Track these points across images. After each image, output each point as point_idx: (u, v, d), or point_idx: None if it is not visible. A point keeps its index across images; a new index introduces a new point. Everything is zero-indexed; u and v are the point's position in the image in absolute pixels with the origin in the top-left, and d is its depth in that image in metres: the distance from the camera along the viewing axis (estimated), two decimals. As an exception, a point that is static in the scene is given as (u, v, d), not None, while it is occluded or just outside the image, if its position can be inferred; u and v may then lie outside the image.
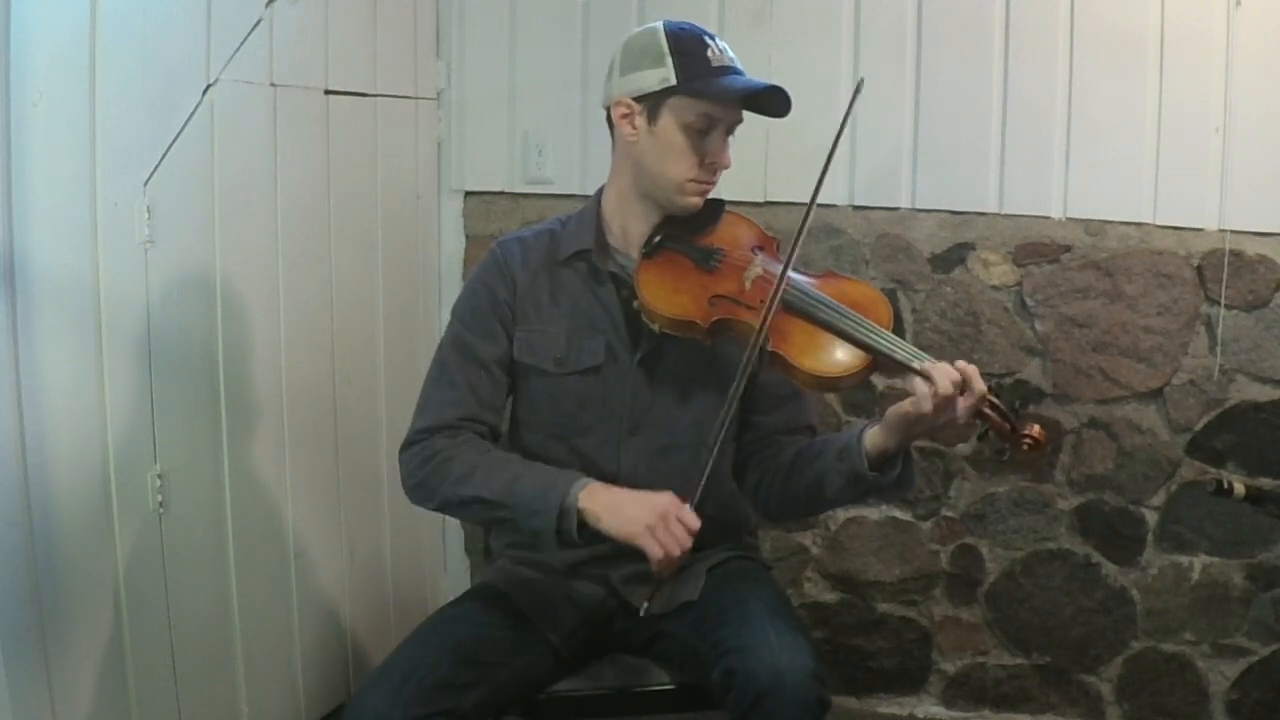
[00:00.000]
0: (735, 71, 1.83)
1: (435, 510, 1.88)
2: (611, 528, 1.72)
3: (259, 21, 2.34)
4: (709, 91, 1.79)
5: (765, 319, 1.72)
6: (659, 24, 1.84)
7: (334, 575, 2.70)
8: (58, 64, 1.91)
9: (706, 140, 1.82)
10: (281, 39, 2.40)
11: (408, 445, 1.89)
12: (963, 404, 1.64)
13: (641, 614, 1.76)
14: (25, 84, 1.83)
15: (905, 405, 1.66)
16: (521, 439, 1.97)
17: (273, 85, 2.40)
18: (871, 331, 1.71)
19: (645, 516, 1.70)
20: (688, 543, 1.71)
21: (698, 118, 1.80)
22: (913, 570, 2.87)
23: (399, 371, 2.84)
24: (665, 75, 1.79)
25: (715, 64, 1.81)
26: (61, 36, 1.91)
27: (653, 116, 1.81)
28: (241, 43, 2.30)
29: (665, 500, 1.72)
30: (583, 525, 1.75)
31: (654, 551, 1.69)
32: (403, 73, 2.87)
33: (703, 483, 1.74)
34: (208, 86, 2.23)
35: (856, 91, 1.80)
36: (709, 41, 1.83)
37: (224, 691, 2.36)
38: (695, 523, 1.72)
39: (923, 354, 1.69)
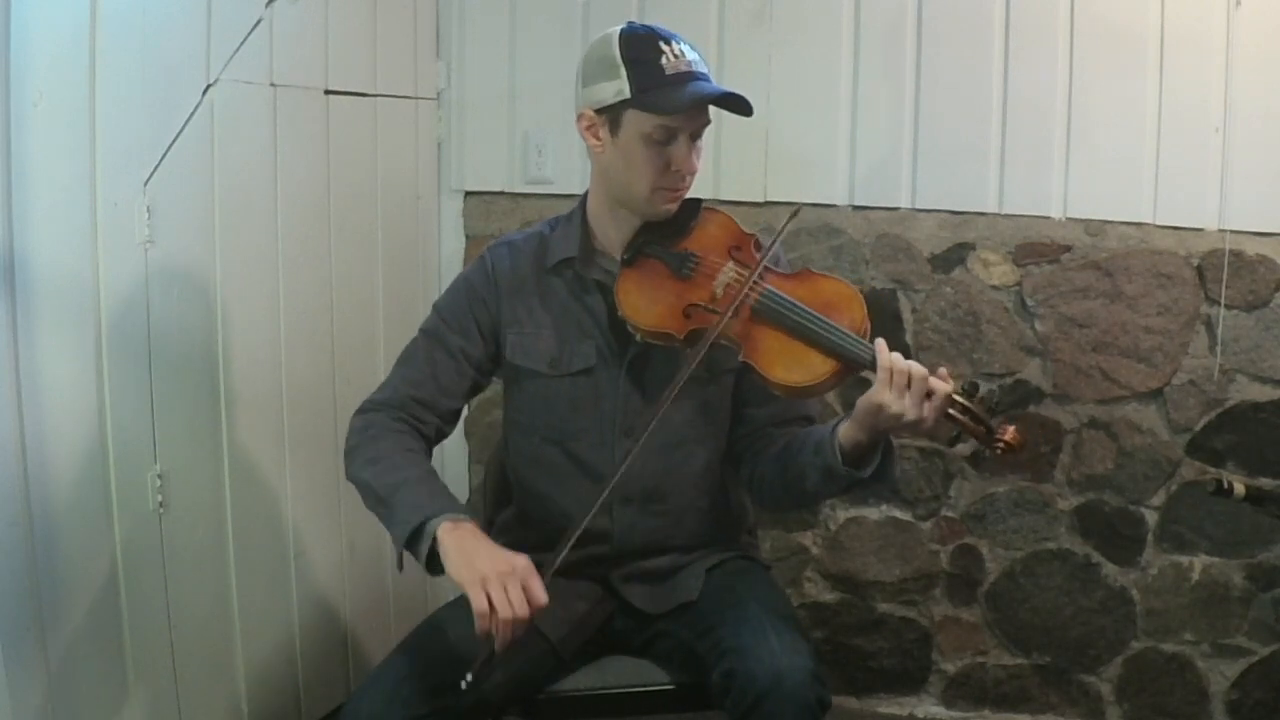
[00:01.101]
0: (693, 76, 1.78)
1: (349, 482, 1.86)
2: (452, 567, 1.64)
3: (259, 21, 2.34)
4: (660, 105, 1.75)
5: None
6: (615, 31, 1.81)
7: (334, 575, 2.70)
8: (58, 64, 1.91)
9: (670, 149, 1.78)
10: (281, 39, 2.40)
11: (359, 412, 1.91)
12: (929, 406, 1.63)
13: (463, 686, 1.62)
14: (25, 84, 1.84)
15: (866, 395, 1.65)
16: (517, 442, 1.97)
17: (273, 85, 2.41)
18: (839, 336, 1.70)
19: (487, 570, 1.61)
20: (524, 612, 1.60)
21: (655, 129, 1.76)
22: (913, 570, 2.87)
23: (399, 371, 2.84)
24: (620, 87, 1.76)
25: (670, 71, 1.76)
26: (61, 36, 1.92)
27: (614, 128, 1.79)
28: (241, 43, 2.30)
29: (517, 562, 1.64)
30: (434, 556, 1.69)
31: (478, 604, 1.59)
32: (403, 73, 2.87)
33: (564, 551, 1.67)
34: (208, 86, 2.23)
35: (792, 216, 1.84)
36: (664, 46, 1.78)
37: (224, 691, 2.36)
38: (542, 598, 1.62)
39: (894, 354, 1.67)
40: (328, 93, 2.59)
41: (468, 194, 3.04)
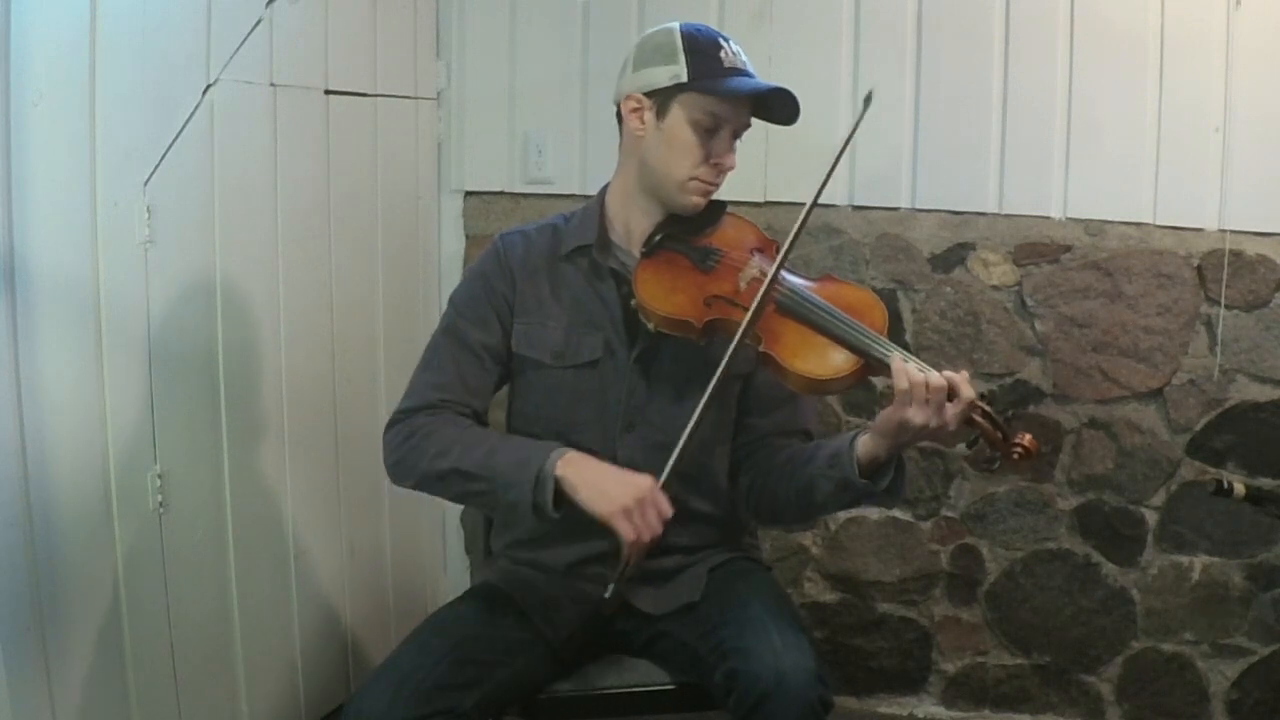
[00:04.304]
0: (747, 74, 1.85)
1: (414, 488, 1.88)
2: (587, 501, 1.72)
3: (259, 21, 2.34)
4: (718, 89, 1.80)
5: (750, 318, 1.72)
6: (675, 24, 1.86)
7: (334, 575, 2.70)
8: (58, 64, 1.91)
9: (713, 140, 1.83)
10: (281, 39, 2.40)
11: (390, 425, 1.90)
12: (951, 411, 1.64)
13: (607, 595, 1.75)
14: (25, 84, 1.83)
15: (889, 409, 1.66)
16: (519, 433, 1.97)
17: (273, 85, 2.40)
18: (864, 335, 1.71)
19: (622, 498, 1.70)
20: (659, 529, 1.71)
21: (705, 116, 1.81)
22: (913, 570, 2.87)
23: (399, 372, 2.83)
24: (677, 72, 1.81)
25: (728, 65, 1.83)
26: (61, 36, 1.91)
27: (662, 112, 1.83)
28: (241, 43, 2.30)
29: (644, 484, 1.72)
30: (560, 496, 1.74)
31: (627, 533, 1.69)
32: (403, 73, 2.87)
33: (672, 461, 1.73)
34: (208, 86, 2.23)
35: (866, 103, 1.78)
36: (723, 44, 1.84)
37: (224, 691, 2.36)
38: (669, 510, 1.73)
39: (912, 358, 1.68)
40: (328, 93, 2.59)
41: (468, 194, 3.04)
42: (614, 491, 1.71)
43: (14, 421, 1.85)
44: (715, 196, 1.90)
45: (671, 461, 1.74)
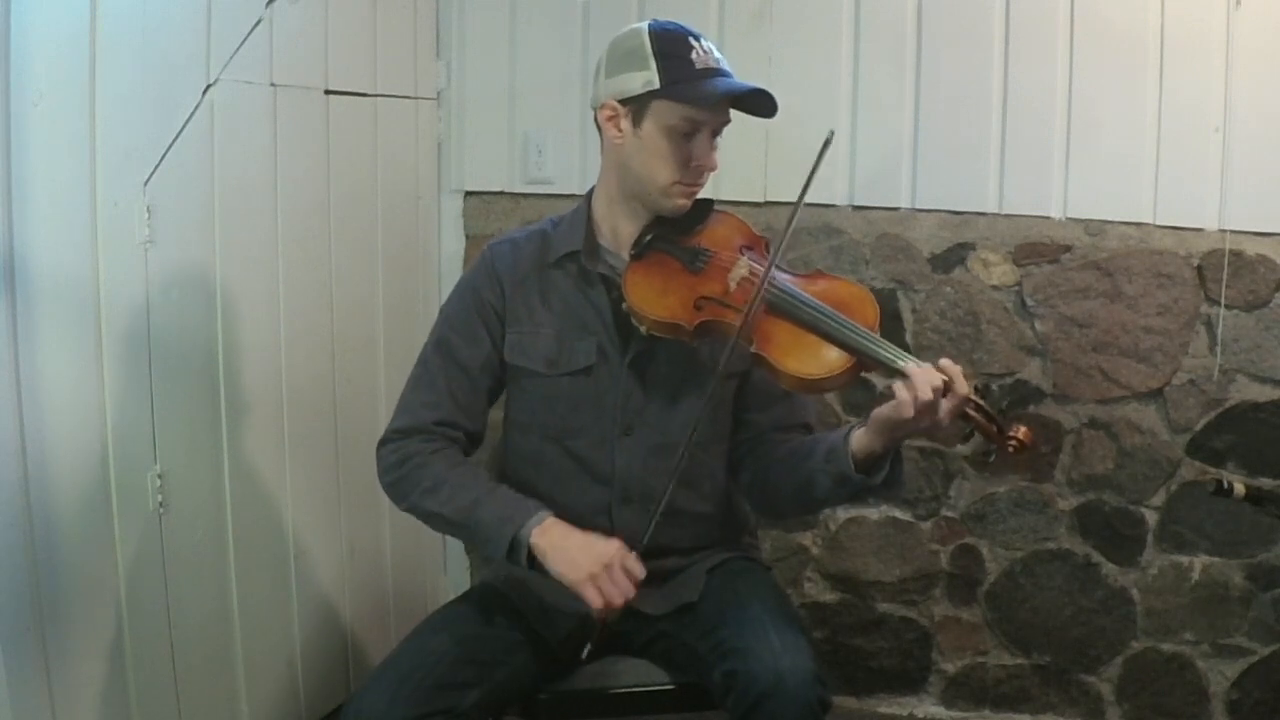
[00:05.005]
0: (720, 73, 1.81)
1: (406, 512, 1.91)
2: (556, 570, 1.75)
3: (259, 21, 2.34)
4: (691, 96, 1.77)
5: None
6: (644, 25, 1.83)
7: (334, 575, 2.70)
8: (58, 64, 1.91)
9: (692, 143, 1.81)
10: (281, 39, 2.40)
11: (384, 442, 1.92)
12: (945, 406, 1.64)
13: (584, 657, 1.78)
14: (25, 84, 1.83)
15: (887, 407, 1.66)
16: (516, 441, 1.97)
17: (273, 85, 2.41)
18: (855, 332, 1.70)
19: (589, 564, 1.73)
20: (631, 592, 1.73)
21: (681, 121, 1.79)
22: (913, 570, 2.87)
23: (399, 372, 2.81)
24: (649, 78, 1.78)
25: (699, 66, 1.79)
26: (61, 36, 1.91)
27: (637, 119, 1.81)
28: (241, 43, 2.30)
29: (612, 549, 1.74)
30: (533, 559, 1.78)
31: (593, 600, 1.72)
32: (403, 73, 2.87)
33: (654, 520, 1.75)
34: (208, 86, 2.23)
35: (825, 145, 1.77)
36: (693, 42, 1.81)
37: (224, 691, 2.36)
38: (641, 572, 1.74)
39: (907, 354, 1.68)
40: (328, 93, 2.59)
41: (468, 194, 3.04)
42: (581, 560, 1.74)
43: (14, 421, 1.85)
44: (705, 194, 1.89)
45: (654, 521, 1.75)
